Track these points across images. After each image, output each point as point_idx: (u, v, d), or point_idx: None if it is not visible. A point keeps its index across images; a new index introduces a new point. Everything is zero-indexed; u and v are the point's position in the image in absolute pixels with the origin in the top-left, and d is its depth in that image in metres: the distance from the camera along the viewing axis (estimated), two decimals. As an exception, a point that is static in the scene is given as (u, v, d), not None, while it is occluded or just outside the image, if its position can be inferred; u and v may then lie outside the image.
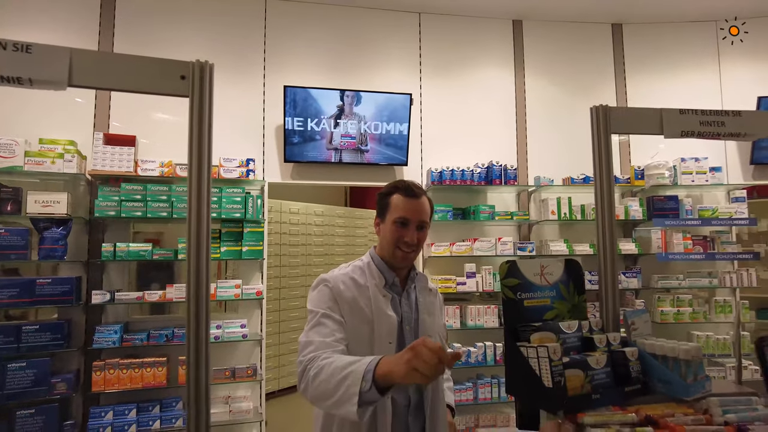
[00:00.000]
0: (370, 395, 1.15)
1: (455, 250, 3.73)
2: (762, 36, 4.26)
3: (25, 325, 2.88)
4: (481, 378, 3.68)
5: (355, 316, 1.52)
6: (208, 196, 1.31)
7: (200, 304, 1.21)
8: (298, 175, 3.81)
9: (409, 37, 4.08)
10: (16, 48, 1.10)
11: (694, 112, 1.65)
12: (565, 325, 1.44)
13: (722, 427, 1.20)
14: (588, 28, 4.31)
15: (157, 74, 1.21)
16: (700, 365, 1.40)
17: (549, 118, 4.20)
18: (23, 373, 2.82)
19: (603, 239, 1.66)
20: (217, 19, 3.74)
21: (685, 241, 3.79)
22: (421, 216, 1.59)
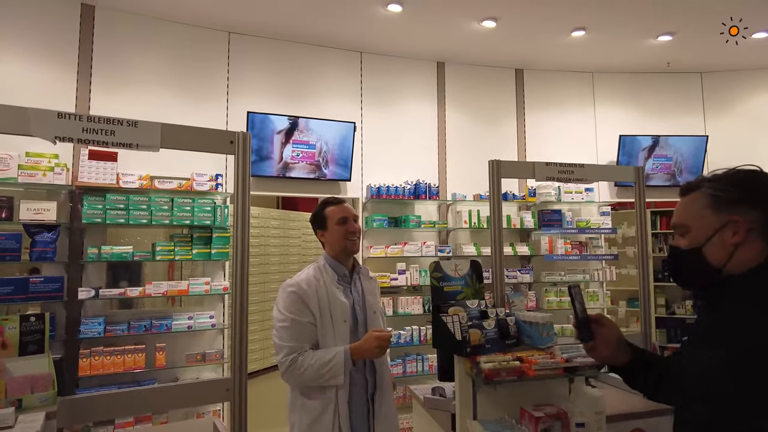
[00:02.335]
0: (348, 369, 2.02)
1: (389, 252, 4.52)
2: (625, 87, 5.45)
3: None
4: (408, 356, 4.49)
5: (320, 304, 2.12)
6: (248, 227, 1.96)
7: (243, 306, 1.85)
8: (256, 187, 4.39)
9: (353, 71, 4.82)
10: (129, 124, 1.70)
11: (553, 165, 2.54)
12: (470, 302, 2.25)
13: (558, 360, 2.05)
14: (497, 72, 5.27)
15: (217, 139, 1.85)
16: (550, 326, 2.25)
17: (464, 145, 5.09)
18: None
19: (494, 246, 2.49)
20: (185, 49, 4.22)
21: (566, 246, 4.84)
22: (353, 212, 2.25)
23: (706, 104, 5.45)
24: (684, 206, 1.19)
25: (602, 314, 1.42)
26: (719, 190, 1.13)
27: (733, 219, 1.09)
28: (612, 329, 1.39)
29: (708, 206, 1.12)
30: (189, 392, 1.78)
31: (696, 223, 1.14)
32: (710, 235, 1.11)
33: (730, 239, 1.09)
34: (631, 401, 2.60)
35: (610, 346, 1.37)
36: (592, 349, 1.39)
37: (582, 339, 1.40)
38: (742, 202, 1.09)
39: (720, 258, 1.11)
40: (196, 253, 3.83)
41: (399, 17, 4.14)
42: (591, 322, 1.40)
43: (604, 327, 1.39)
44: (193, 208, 3.81)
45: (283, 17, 4.17)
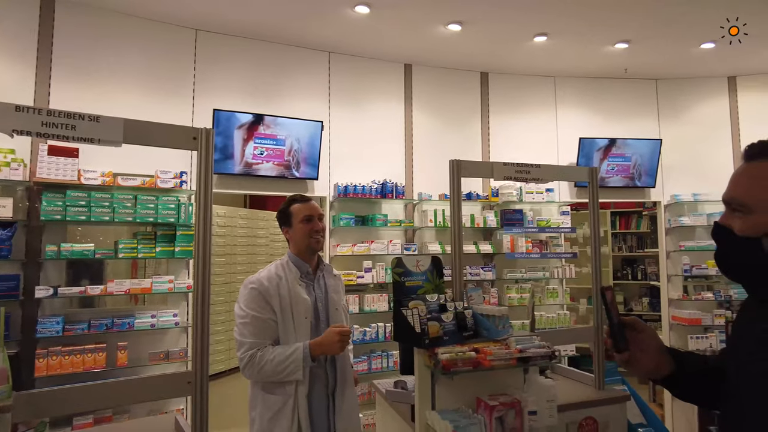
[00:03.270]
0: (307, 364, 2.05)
1: (356, 250, 4.58)
2: (586, 92, 5.66)
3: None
4: (374, 352, 4.55)
5: (281, 301, 2.15)
6: (210, 223, 1.97)
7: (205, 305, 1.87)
8: (222, 185, 4.38)
9: (321, 71, 4.85)
10: (90, 119, 1.70)
11: (511, 165, 2.65)
12: (430, 296, 2.33)
13: (512, 350, 2.14)
14: (462, 75, 5.39)
15: (180, 135, 1.86)
16: (506, 319, 2.35)
17: (430, 145, 5.19)
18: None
19: (454, 242, 2.57)
20: (151, 45, 4.17)
21: (527, 244, 5.01)
22: (318, 211, 2.29)
23: (661, 109, 5.70)
24: (750, 177, 0.91)
25: (638, 319, 1.18)
26: None
27: None
28: (651, 335, 1.17)
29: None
30: (149, 386, 1.79)
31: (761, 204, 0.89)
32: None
33: None
34: (583, 391, 2.74)
35: (651, 357, 1.14)
36: (629, 361, 1.15)
37: (617, 349, 1.16)
38: None
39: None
40: (159, 251, 3.79)
41: (367, 19, 4.20)
42: (625, 327, 1.16)
43: (641, 333, 1.16)
44: (157, 206, 3.77)
45: (252, 16, 4.17)
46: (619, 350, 1.15)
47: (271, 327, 2.15)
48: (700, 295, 5.31)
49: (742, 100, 5.59)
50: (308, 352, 2.06)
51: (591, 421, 2.62)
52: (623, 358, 1.15)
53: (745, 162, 0.94)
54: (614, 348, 1.16)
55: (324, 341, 2.09)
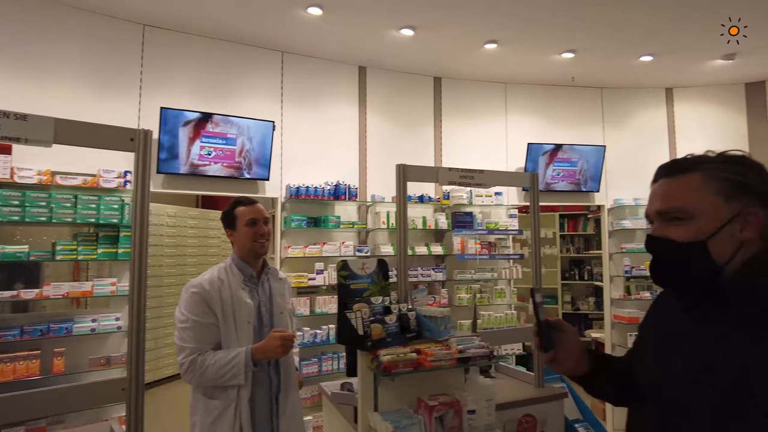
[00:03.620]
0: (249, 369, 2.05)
1: (308, 252, 4.56)
2: (535, 98, 5.84)
3: None
4: (325, 354, 4.54)
5: (223, 305, 2.14)
6: (147, 226, 1.93)
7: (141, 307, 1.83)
8: (169, 185, 4.26)
9: (274, 71, 4.80)
10: (17, 117, 1.64)
11: (455, 170, 2.71)
12: (374, 298, 2.36)
13: (453, 351, 2.20)
14: (416, 79, 5.46)
15: (116, 136, 1.81)
16: (448, 320, 2.41)
17: (384, 148, 5.22)
18: None
19: (399, 244, 2.61)
20: (96, 39, 4.01)
21: (477, 245, 5.13)
22: (264, 214, 2.26)
23: (605, 117, 5.96)
24: (680, 188, 0.98)
25: (562, 320, 1.24)
26: (735, 174, 0.95)
27: (750, 210, 0.93)
28: (574, 336, 1.22)
29: (718, 192, 0.94)
30: (80, 394, 1.74)
31: (702, 210, 0.94)
32: (719, 227, 0.93)
33: (739, 233, 0.94)
34: (523, 389, 2.84)
35: (572, 356, 1.20)
36: (554, 358, 1.20)
37: (543, 348, 1.21)
38: (754, 193, 0.94)
39: (725, 254, 0.94)
40: (101, 252, 3.66)
41: (320, 20, 4.19)
42: (552, 328, 1.21)
43: (565, 334, 1.21)
44: (99, 206, 3.64)
45: (202, 13, 4.09)
46: (545, 349, 1.21)
47: (213, 331, 2.13)
48: (639, 294, 5.59)
49: (678, 111, 5.92)
50: (250, 356, 2.05)
51: (530, 418, 2.72)
52: (549, 356, 1.21)
53: (672, 177, 1.01)
54: (541, 347, 1.22)
55: (266, 346, 2.08)
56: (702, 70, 5.39)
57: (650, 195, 1.07)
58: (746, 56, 4.97)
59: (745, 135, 5.75)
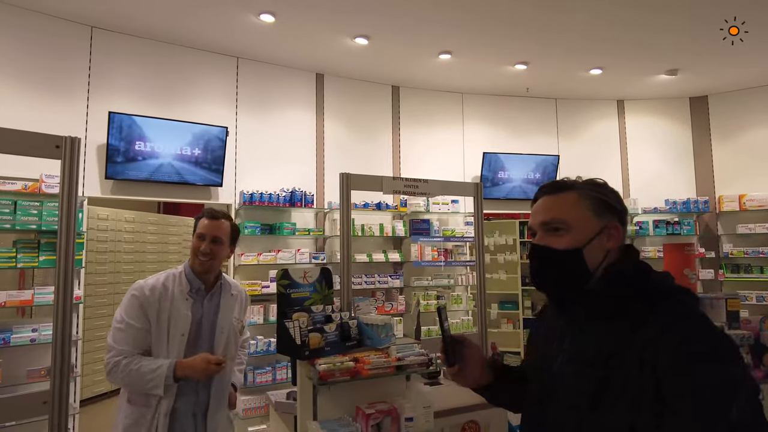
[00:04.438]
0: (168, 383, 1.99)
1: (262, 259, 4.52)
2: (491, 108, 5.97)
3: None
4: (279, 363, 4.50)
5: (159, 314, 2.08)
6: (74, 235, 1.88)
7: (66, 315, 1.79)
8: (119, 191, 4.17)
9: (228, 76, 4.76)
10: (-70, 123, 1.59)
11: (399, 179, 2.75)
12: (315, 307, 2.35)
13: (390, 359, 2.21)
14: (374, 87, 5.50)
15: (41, 143, 1.77)
16: (389, 327, 2.42)
17: (342, 155, 5.25)
18: None
19: (343, 252, 2.62)
20: (40, 41, 3.90)
21: (433, 252, 5.19)
22: (214, 232, 2.16)
23: (560, 127, 6.13)
24: (560, 203, 1.12)
25: (465, 336, 1.33)
26: (602, 195, 1.12)
27: (613, 225, 1.10)
28: (477, 350, 1.31)
29: (590, 208, 1.10)
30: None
31: (579, 223, 1.10)
32: (591, 237, 1.09)
33: (606, 243, 1.09)
34: (470, 396, 2.87)
35: (475, 369, 1.28)
36: (459, 372, 1.27)
37: (449, 362, 1.26)
38: (614, 211, 1.11)
39: (596, 260, 1.09)
40: (43, 260, 3.55)
41: (273, 27, 4.19)
42: (457, 343, 1.28)
43: (469, 348, 1.29)
44: (41, 212, 3.53)
45: (153, 16, 4.03)
46: (451, 363, 1.27)
47: (144, 337, 2.09)
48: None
49: (630, 122, 6.14)
50: (172, 371, 2.00)
51: (473, 424, 2.75)
52: (453, 370, 1.28)
53: (553, 194, 1.16)
54: (446, 362, 1.28)
55: (191, 365, 2.03)
56: (649, 84, 5.61)
57: (534, 209, 1.19)
58: (689, 72, 5.20)
59: (690, 145, 6.01)
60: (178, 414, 2.08)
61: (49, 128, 3.60)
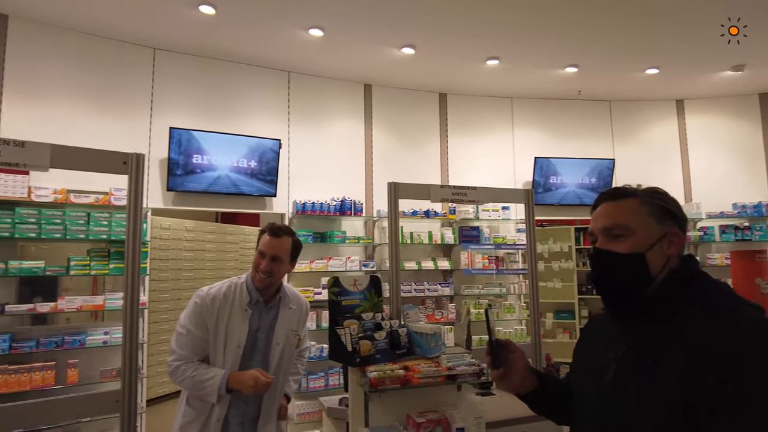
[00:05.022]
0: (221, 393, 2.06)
1: (314, 266, 4.63)
2: (542, 112, 5.84)
3: None
4: (332, 369, 4.59)
5: (218, 324, 2.16)
6: (140, 244, 2.01)
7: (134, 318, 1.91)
8: (180, 202, 4.41)
9: (280, 90, 4.93)
10: (16, 144, 1.75)
11: (447, 187, 2.75)
12: (365, 314, 2.39)
13: (441, 368, 2.21)
14: (421, 95, 5.53)
15: (109, 160, 1.91)
16: (439, 337, 2.42)
17: (390, 164, 5.29)
18: None
19: (392, 261, 2.65)
20: (108, 64, 4.20)
21: (484, 260, 5.12)
22: (274, 251, 2.18)
23: (615, 130, 5.91)
24: (622, 210, 1.14)
25: (511, 340, 1.35)
26: (663, 202, 1.14)
27: (673, 232, 1.12)
28: (522, 356, 1.32)
29: (651, 214, 1.12)
30: (76, 405, 1.81)
31: (640, 228, 1.11)
32: (653, 243, 1.10)
33: (667, 250, 1.11)
34: (523, 407, 2.81)
35: (519, 375, 1.29)
36: (503, 376, 1.29)
37: (494, 366, 1.28)
38: (675, 218, 1.13)
39: (657, 266, 1.10)
40: (113, 267, 3.80)
41: (322, 41, 4.31)
42: (502, 347, 1.31)
43: (513, 353, 1.31)
44: (111, 223, 3.78)
45: (209, 36, 4.25)
46: (496, 367, 1.29)
47: (202, 345, 2.17)
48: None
49: (690, 122, 5.84)
50: (225, 382, 2.06)
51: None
52: (498, 374, 1.30)
53: (614, 200, 1.17)
54: (492, 365, 1.30)
55: (241, 378, 2.07)
56: (712, 82, 5.32)
57: (594, 215, 1.20)
58: (757, 67, 4.89)
59: (760, 145, 5.63)
60: (229, 422, 2.15)
61: (116, 145, 3.88)
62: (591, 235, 1.20)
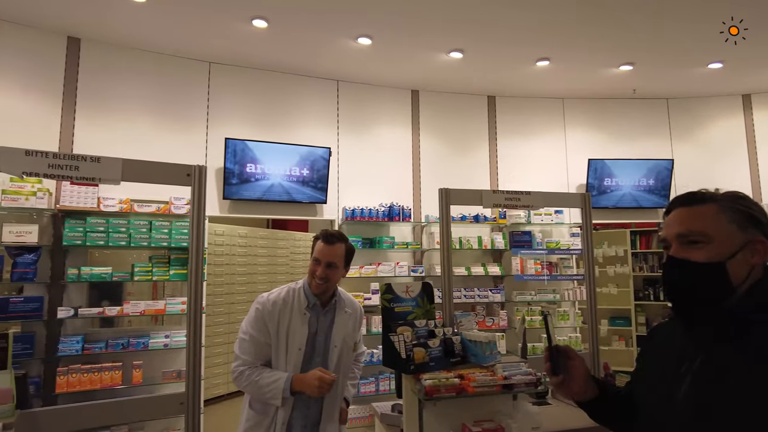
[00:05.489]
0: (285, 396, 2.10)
1: (364, 272, 4.67)
2: (594, 113, 5.66)
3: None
4: (382, 374, 4.60)
5: (279, 328, 2.21)
6: (202, 251, 2.09)
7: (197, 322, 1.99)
8: (235, 210, 4.56)
9: (329, 99, 5.02)
10: (92, 160, 1.87)
11: (500, 192, 2.71)
12: (418, 322, 2.38)
13: (496, 377, 2.18)
14: (469, 99, 5.48)
15: (173, 173, 2.01)
16: (494, 345, 2.39)
17: (438, 169, 5.28)
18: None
19: (443, 268, 2.64)
20: (167, 79, 4.42)
21: (536, 266, 5.00)
22: (329, 258, 2.21)
23: (673, 129, 5.65)
24: (699, 216, 1.07)
25: (570, 347, 1.32)
26: (747, 207, 1.07)
27: (758, 240, 1.04)
28: (582, 363, 1.28)
29: (734, 221, 1.05)
30: (144, 406, 1.91)
31: (720, 235, 1.04)
32: (735, 251, 1.03)
33: (750, 259, 1.04)
34: (580, 418, 2.72)
35: (579, 382, 1.26)
36: (562, 383, 1.27)
37: (553, 372, 1.27)
38: (760, 225, 1.05)
39: (740, 276, 1.03)
40: (173, 273, 3.97)
41: (370, 49, 4.36)
42: (562, 353, 1.28)
43: (573, 360, 1.27)
44: (171, 231, 3.96)
45: (261, 48, 4.38)
46: (555, 374, 1.27)
47: (265, 350, 2.23)
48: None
49: (759, 118, 5.50)
50: (289, 384, 2.11)
51: (585, 448, 2.61)
52: (557, 380, 1.27)
53: (690, 206, 1.10)
54: (551, 371, 1.28)
55: (305, 380, 2.12)
56: (784, 75, 4.99)
57: (668, 221, 1.13)
58: (835, 56, 4.56)
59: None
60: (292, 425, 2.19)
61: (175, 156, 4.06)
62: (663, 241, 1.14)
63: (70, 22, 3.90)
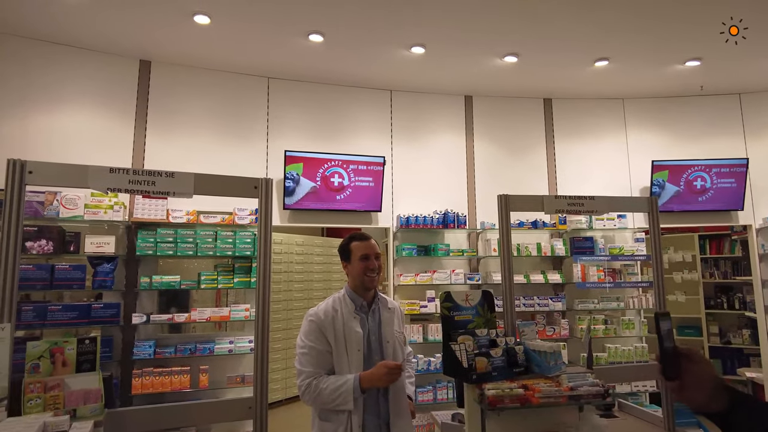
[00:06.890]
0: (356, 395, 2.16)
1: (419, 279, 4.67)
2: (657, 112, 5.42)
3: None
4: (439, 382, 4.57)
5: (336, 334, 2.30)
6: (270, 260, 2.17)
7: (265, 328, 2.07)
8: (294, 219, 4.70)
9: (383, 108, 5.09)
10: (167, 175, 1.99)
11: (562, 198, 2.64)
12: (479, 330, 2.36)
13: (562, 388, 2.12)
14: (524, 102, 5.39)
15: (243, 185, 2.10)
16: (558, 355, 2.33)
17: (492, 175, 5.21)
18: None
19: (504, 276, 2.59)
20: (229, 95, 4.64)
21: (599, 273, 4.82)
22: (375, 250, 2.40)
23: (747, 126, 5.31)
24: None
25: (694, 348, 1.20)
26: None
27: None
28: (706, 368, 1.15)
29: None
30: (215, 409, 2.00)
31: None
32: None
33: None
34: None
35: (703, 390, 1.12)
36: (679, 389, 1.14)
37: (665, 375, 1.16)
38: None
39: None
40: (237, 281, 4.13)
41: (423, 58, 4.38)
42: (679, 356, 1.16)
43: (695, 365, 1.14)
44: (235, 240, 4.13)
45: (317, 62, 4.50)
46: (669, 378, 1.16)
47: (327, 358, 2.29)
48: (804, 328, 4.80)
49: None
50: (358, 384, 2.18)
51: (656, 464, 2.49)
52: (672, 385, 1.16)
53: None
54: (663, 374, 1.17)
55: (373, 374, 2.20)
56: None
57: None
58: None
59: None
60: (367, 426, 2.25)
61: (237, 169, 4.23)
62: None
63: (142, 46, 4.17)
